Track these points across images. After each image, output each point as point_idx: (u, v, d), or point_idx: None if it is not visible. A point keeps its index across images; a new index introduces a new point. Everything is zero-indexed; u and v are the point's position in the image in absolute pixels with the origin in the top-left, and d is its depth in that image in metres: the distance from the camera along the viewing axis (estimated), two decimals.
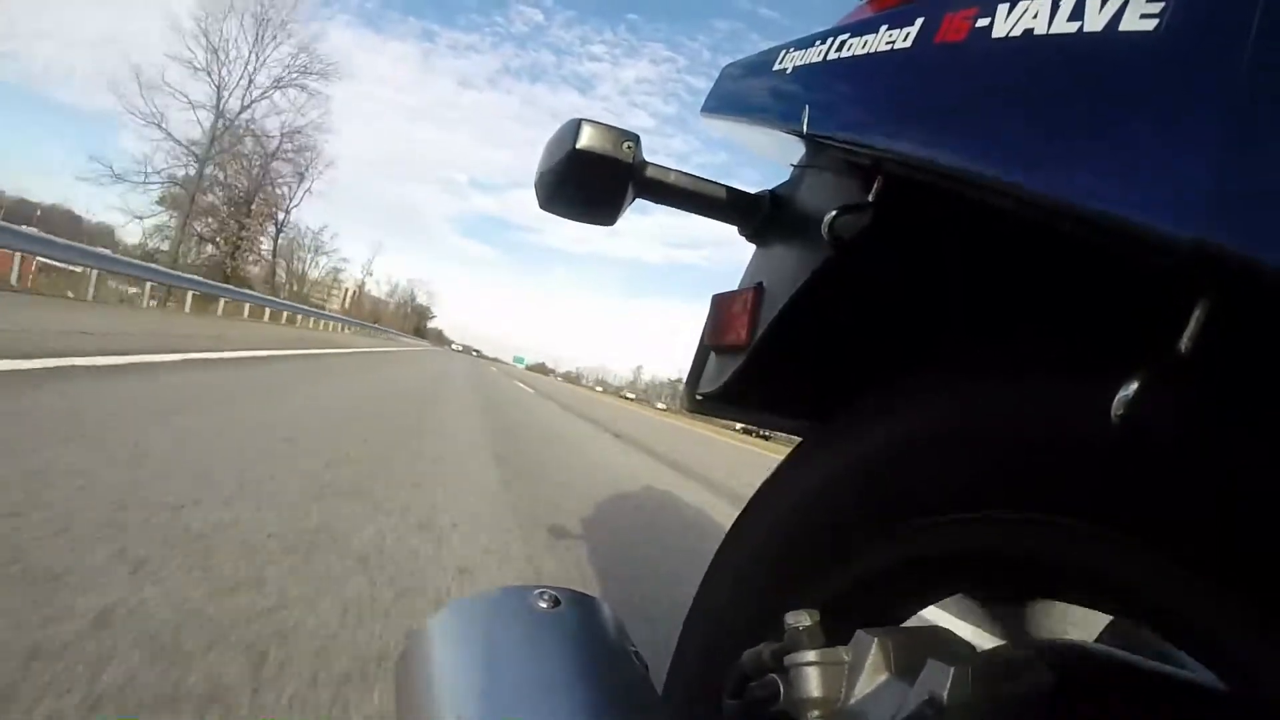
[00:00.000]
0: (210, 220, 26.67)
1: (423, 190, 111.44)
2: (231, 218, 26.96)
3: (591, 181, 0.57)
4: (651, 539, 2.83)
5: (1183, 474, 0.31)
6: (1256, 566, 0.28)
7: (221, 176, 26.72)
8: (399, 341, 37.88)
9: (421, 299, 60.89)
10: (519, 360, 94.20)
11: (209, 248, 26.74)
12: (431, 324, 73.14)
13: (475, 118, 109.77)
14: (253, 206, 27.72)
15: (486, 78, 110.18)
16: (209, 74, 25.41)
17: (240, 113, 26.21)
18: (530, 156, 0.62)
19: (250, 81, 26.22)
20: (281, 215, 30.20)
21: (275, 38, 26.40)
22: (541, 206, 0.61)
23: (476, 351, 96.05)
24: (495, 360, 73.82)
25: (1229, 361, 0.29)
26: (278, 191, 28.97)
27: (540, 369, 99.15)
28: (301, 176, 29.15)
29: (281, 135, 27.59)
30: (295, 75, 27.25)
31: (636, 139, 0.57)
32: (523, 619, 0.37)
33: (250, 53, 25.99)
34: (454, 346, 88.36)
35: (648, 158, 0.57)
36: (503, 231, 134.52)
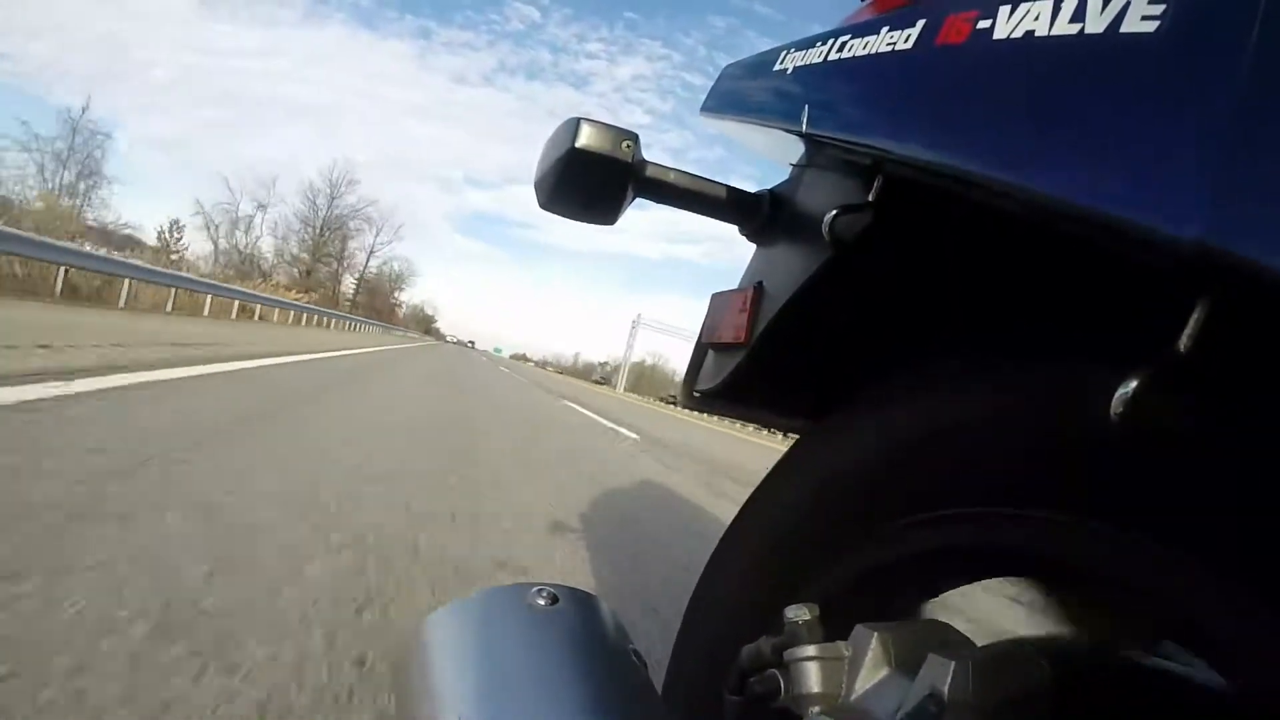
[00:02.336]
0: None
1: (418, 187, 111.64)
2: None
3: (590, 181, 0.57)
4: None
5: (1182, 472, 0.31)
6: (1256, 563, 0.28)
7: None
8: (422, 340, 54.22)
9: (429, 311, 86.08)
10: (498, 350, 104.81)
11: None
12: (433, 325, 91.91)
13: (471, 115, 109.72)
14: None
15: (483, 75, 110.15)
16: None
17: None
18: (527, 152, 0.62)
19: None
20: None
21: None
22: (542, 206, 0.61)
23: (470, 343, 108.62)
24: (484, 353, 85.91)
25: (1229, 361, 0.29)
26: None
27: (521, 358, 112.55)
28: None
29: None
30: None
31: (636, 138, 0.57)
32: (521, 617, 0.37)
33: None
34: (449, 339, 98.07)
35: (644, 153, 0.57)
36: (499, 228, 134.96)
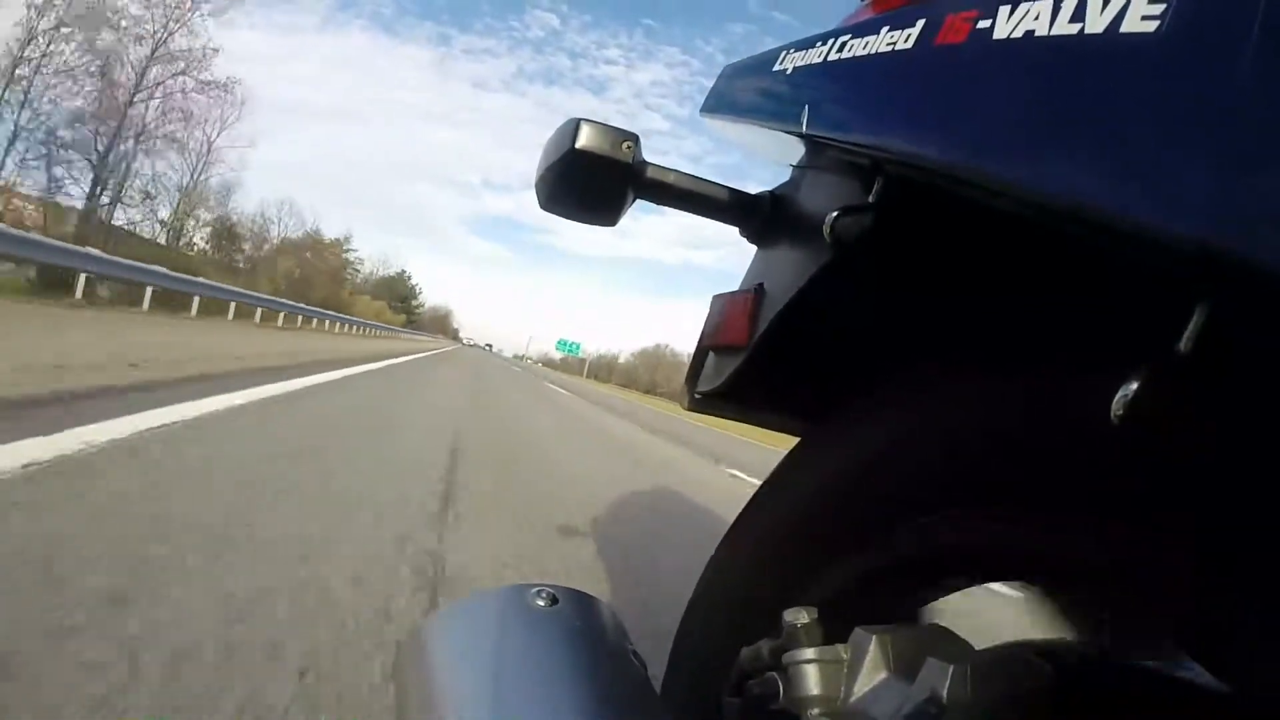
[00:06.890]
0: None
1: (436, 191, 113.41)
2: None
3: (590, 182, 0.57)
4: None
5: (1183, 474, 0.31)
6: (1256, 566, 0.28)
7: None
8: (451, 343, 66.26)
9: (454, 324, 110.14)
10: (500, 351, 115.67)
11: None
12: (458, 334, 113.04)
13: (490, 120, 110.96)
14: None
15: (502, 81, 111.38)
16: None
17: None
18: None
19: None
20: None
21: None
22: (542, 206, 0.61)
23: (489, 346, 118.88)
24: (498, 354, 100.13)
25: (1229, 361, 0.29)
26: None
27: (525, 358, 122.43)
28: None
29: None
30: None
31: (636, 139, 0.57)
32: (521, 618, 0.37)
33: None
34: (466, 341, 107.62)
35: (663, 159, 0.57)
36: (515, 232, 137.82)
